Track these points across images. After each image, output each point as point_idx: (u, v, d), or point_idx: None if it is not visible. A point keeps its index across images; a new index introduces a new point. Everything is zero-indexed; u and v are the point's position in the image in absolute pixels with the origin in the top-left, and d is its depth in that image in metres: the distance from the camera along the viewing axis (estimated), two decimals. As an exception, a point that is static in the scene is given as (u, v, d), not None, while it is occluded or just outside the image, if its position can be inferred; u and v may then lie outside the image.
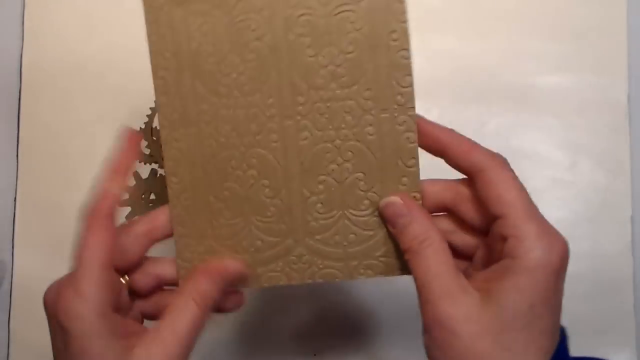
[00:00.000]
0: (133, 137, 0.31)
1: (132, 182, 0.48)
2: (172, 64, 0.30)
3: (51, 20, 0.49)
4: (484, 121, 0.50)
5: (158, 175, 0.48)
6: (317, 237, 0.31)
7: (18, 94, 0.49)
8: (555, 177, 0.50)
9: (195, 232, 0.31)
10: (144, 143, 0.49)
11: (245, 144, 0.31)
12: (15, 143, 0.48)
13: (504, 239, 0.28)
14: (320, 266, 0.32)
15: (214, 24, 0.30)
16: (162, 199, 0.48)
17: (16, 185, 0.48)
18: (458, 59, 0.50)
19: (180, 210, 0.31)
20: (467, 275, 0.29)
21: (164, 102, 0.31)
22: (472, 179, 0.30)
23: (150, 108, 0.49)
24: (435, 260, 0.28)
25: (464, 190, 0.31)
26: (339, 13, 0.30)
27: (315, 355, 0.48)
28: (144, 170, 0.48)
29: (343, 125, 0.31)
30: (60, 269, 0.47)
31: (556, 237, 0.28)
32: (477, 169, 0.29)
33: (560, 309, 0.28)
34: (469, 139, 0.30)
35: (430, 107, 0.50)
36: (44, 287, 0.31)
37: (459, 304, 0.27)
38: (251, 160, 0.31)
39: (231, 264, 0.31)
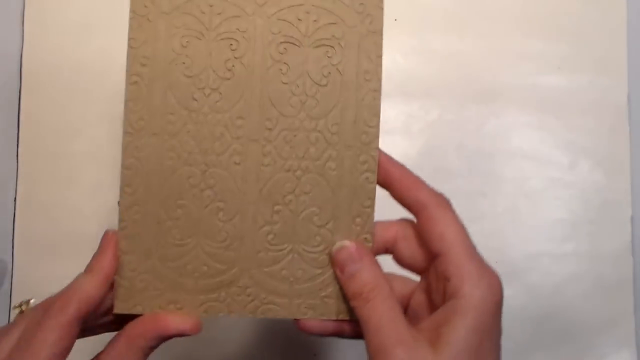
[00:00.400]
0: (108, 238, 0.30)
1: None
2: (147, 72, 0.30)
3: (51, 21, 0.49)
4: (484, 121, 0.50)
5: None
6: (265, 269, 0.31)
7: (18, 94, 0.49)
8: (555, 177, 0.50)
9: (141, 250, 0.30)
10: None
11: (206, 162, 0.30)
12: (15, 143, 0.48)
13: (445, 278, 0.29)
14: (264, 301, 0.31)
15: (196, 37, 0.30)
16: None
17: (16, 185, 0.48)
18: (458, 59, 0.50)
19: (128, 223, 0.30)
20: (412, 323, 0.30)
21: (132, 108, 0.30)
22: (414, 214, 0.31)
23: (150, 108, 0.49)
24: (385, 308, 0.29)
25: (404, 229, 0.32)
26: (318, 46, 0.31)
27: (315, 355, 0.48)
28: (144, 170, 0.48)
29: (306, 157, 0.31)
30: (60, 269, 0.47)
31: (494, 275, 0.29)
32: (420, 206, 0.30)
33: (500, 344, 0.29)
34: (418, 177, 0.31)
35: (430, 107, 0.50)
36: (44, 287, 0.31)
37: (414, 350, 0.27)
38: (210, 180, 0.30)
39: (173, 323, 0.30)
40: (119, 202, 0.50)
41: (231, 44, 0.30)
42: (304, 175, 0.31)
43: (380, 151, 0.31)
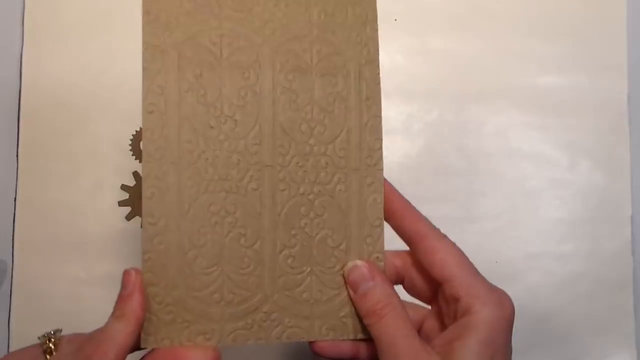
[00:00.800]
0: (133, 279, 0.29)
1: (131, 182, 0.48)
2: (163, 101, 0.30)
3: (51, 22, 0.49)
4: (484, 121, 0.50)
5: (158, 175, 0.48)
6: (287, 293, 0.31)
7: (18, 93, 0.49)
8: (555, 177, 0.50)
9: (166, 281, 0.30)
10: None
11: (226, 189, 0.31)
12: (15, 143, 0.48)
13: (455, 300, 0.30)
14: (288, 324, 0.31)
15: (209, 66, 0.31)
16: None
17: (16, 185, 0.48)
18: (458, 59, 0.50)
19: (152, 254, 0.30)
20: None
21: (150, 137, 0.30)
22: (413, 244, 0.32)
23: (150, 108, 0.49)
24: (398, 324, 0.29)
25: (409, 259, 0.33)
26: (324, 75, 0.32)
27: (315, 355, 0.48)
28: (144, 170, 0.48)
29: (318, 181, 0.32)
30: (60, 269, 0.47)
31: (503, 293, 0.30)
32: (419, 236, 0.31)
33: (510, 358, 0.30)
34: (418, 210, 0.33)
35: (430, 107, 0.50)
36: (44, 287, 0.31)
37: None
38: (230, 206, 0.31)
39: (193, 357, 0.29)
40: (119, 202, 0.50)
41: (243, 73, 0.31)
42: (317, 198, 0.32)
43: (385, 180, 0.33)
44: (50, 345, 0.29)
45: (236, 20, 0.31)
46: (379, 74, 0.33)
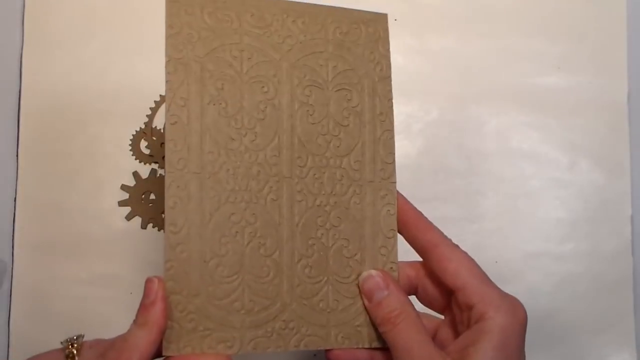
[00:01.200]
0: (156, 287, 0.29)
1: (132, 182, 0.48)
2: (186, 113, 0.31)
3: (51, 22, 0.49)
4: (484, 121, 0.50)
5: (158, 175, 0.48)
6: (304, 302, 0.32)
7: (18, 93, 0.49)
8: (554, 177, 0.50)
9: (188, 289, 0.30)
10: (144, 143, 0.49)
11: (246, 200, 0.31)
12: (15, 143, 0.48)
13: (468, 307, 0.30)
14: (306, 333, 0.32)
15: (229, 80, 0.32)
16: (162, 199, 0.48)
17: (16, 185, 0.48)
18: (458, 59, 0.50)
19: (174, 263, 0.30)
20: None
21: (172, 148, 0.31)
22: (426, 254, 0.33)
23: (151, 108, 0.49)
24: (413, 331, 0.30)
25: (422, 269, 0.34)
26: (339, 90, 0.34)
27: (315, 355, 0.48)
28: (144, 170, 0.48)
29: (334, 192, 0.33)
30: (60, 269, 0.47)
31: (516, 300, 0.31)
32: (432, 245, 0.32)
33: None
34: (430, 221, 0.33)
35: (430, 107, 0.50)
36: (44, 287, 0.31)
37: None
38: (250, 217, 0.31)
39: None
40: (119, 203, 0.50)
41: (262, 87, 0.32)
42: (333, 210, 0.33)
43: (398, 192, 0.34)
44: (73, 350, 0.30)
45: (256, 36, 0.33)
46: (391, 90, 0.34)
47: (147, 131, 0.49)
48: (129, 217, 0.48)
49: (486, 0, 0.51)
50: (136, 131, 0.49)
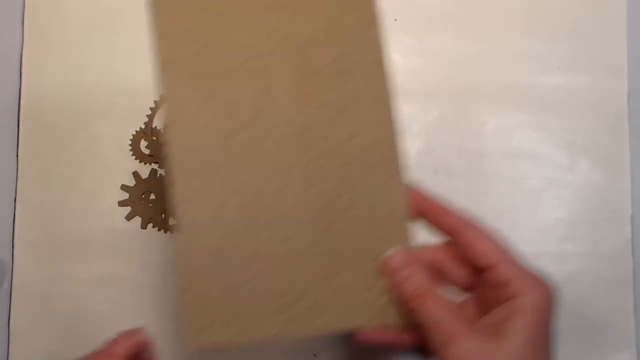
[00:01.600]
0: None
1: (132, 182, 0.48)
2: (184, 112, 0.31)
3: (51, 22, 0.49)
4: (484, 121, 0.50)
5: (158, 175, 0.48)
6: (325, 286, 0.32)
7: (18, 93, 0.49)
8: (554, 177, 0.50)
9: (204, 283, 0.31)
10: (144, 143, 0.49)
11: (254, 193, 0.32)
12: (15, 143, 0.48)
13: (501, 284, 0.31)
14: (326, 317, 0.32)
15: (223, 77, 0.32)
16: (162, 199, 0.48)
17: (16, 185, 0.48)
18: (458, 59, 0.50)
19: (187, 258, 0.31)
20: None
21: (173, 147, 0.31)
22: (454, 235, 0.33)
23: (151, 108, 0.49)
24: (442, 304, 0.30)
25: (447, 251, 0.34)
26: (335, 76, 0.33)
27: (315, 355, 0.48)
28: (144, 170, 0.48)
29: (343, 178, 0.33)
30: (60, 269, 0.47)
31: (546, 281, 0.31)
32: (459, 227, 0.32)
33: (551, 341, 0.31)
34: (449, 205, 0.34)
35: (430, 107, 0.50)
36: (44, 287, 0.31)
37: (479, 340, 0.29)
38: (261, 207, 0.32)
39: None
40: (119, 202, 0.50)
41: (257, 80, 0.32)
42: (344, 194, 0.32)
43: (414, 185, 0.34)
44: None
45: (245, 31, 0.32)
46: (387, 72, 0.34)
47: (147, 131, 0.49)
48: (129, 217, 0.48)
49: (486, 0, 0.51)
50: (136, 131, 0.49)
